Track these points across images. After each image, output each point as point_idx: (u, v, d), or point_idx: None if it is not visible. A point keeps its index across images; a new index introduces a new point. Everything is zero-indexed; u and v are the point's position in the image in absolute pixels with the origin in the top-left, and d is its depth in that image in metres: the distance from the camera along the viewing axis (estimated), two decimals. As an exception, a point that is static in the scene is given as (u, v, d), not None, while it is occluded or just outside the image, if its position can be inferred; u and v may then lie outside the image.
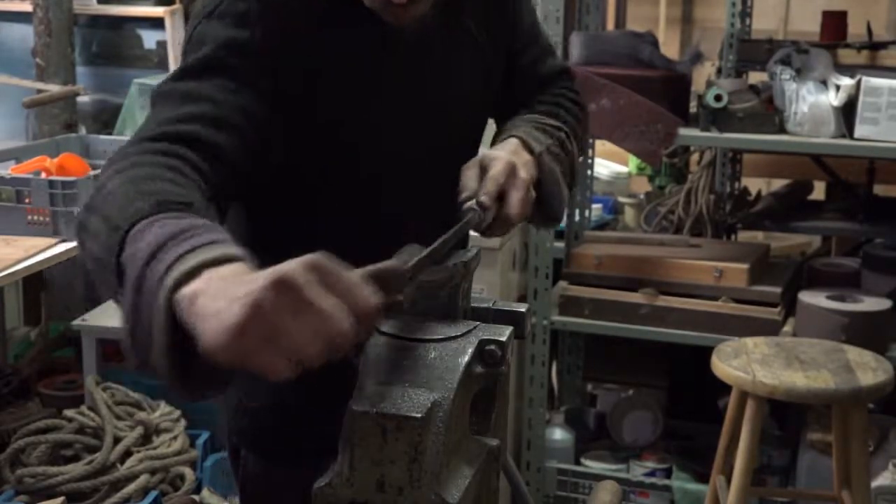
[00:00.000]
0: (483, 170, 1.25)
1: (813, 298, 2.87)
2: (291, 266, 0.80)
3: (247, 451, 1.46)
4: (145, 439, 2.77)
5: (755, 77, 3.60)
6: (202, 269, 0.85)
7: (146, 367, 0.89)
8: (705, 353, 2.55)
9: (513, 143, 1.32)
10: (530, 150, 1.31)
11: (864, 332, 2.76)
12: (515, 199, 1.23)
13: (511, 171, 1.24)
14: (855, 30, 3.40)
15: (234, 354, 0.79)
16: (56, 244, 2.72)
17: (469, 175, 1.26)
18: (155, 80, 3.52)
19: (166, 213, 0.95)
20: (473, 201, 1.21)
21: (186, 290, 0.83)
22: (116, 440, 2.70)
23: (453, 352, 0.98)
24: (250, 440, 1.45)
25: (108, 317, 3.03)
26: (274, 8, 1.23)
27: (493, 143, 1.40)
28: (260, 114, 1.18)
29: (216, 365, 0.82)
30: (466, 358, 0.97)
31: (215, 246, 0.88)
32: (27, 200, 2.74)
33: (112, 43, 4.48)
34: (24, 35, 4.09)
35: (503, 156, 1.26)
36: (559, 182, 1.34)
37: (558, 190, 1.33)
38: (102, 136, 3.44)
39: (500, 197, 1.23)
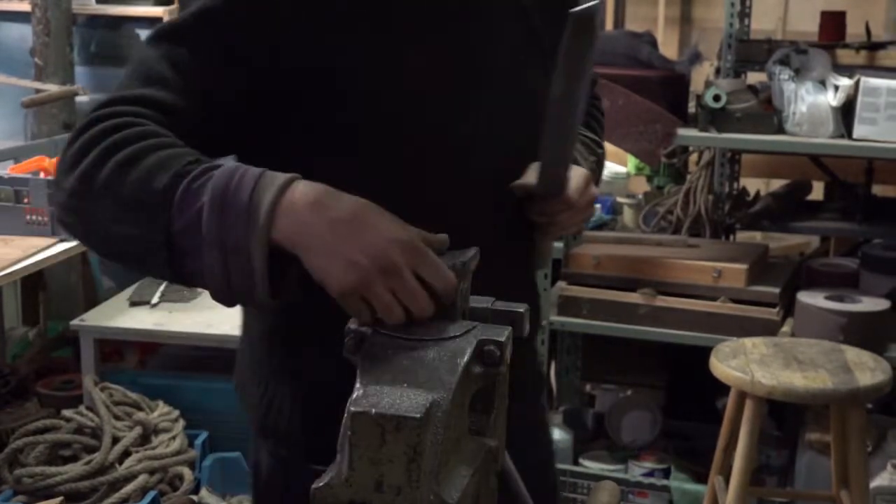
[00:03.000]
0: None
1: (811, 299, 2.87)
2: (410, 234, 1.03)
3: (278, 458, 1.35)
4: (144, 439, 2.77)
5: (754, 77, 3.59)
6: (291, 183, 1.03)
7: (229, 290, 1.03)
8: (704, 353, 2.55)
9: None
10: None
11: (863, 332, 2.76)
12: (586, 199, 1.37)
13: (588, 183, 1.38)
14: (853, 30, 3.40)
15: (360, 292, 1.01)
16: (55, 244, 2.72)
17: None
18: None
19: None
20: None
21: (288, 196, 1.02)
22: (115, 440, 2.70)
23: (452, 352, 0.98)
24: (288, 440, 1.32)
25: (106, 317, 3.03)
26: None
27: None
28: (227, 88, 1.16)
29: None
30: (465, 358, 0.97)
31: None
32: (26, 200, 2.74)
33: (111, 43, 4.48)
34: (22, 35, 4.09)
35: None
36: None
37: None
38: (101, 136, 3.42)
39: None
